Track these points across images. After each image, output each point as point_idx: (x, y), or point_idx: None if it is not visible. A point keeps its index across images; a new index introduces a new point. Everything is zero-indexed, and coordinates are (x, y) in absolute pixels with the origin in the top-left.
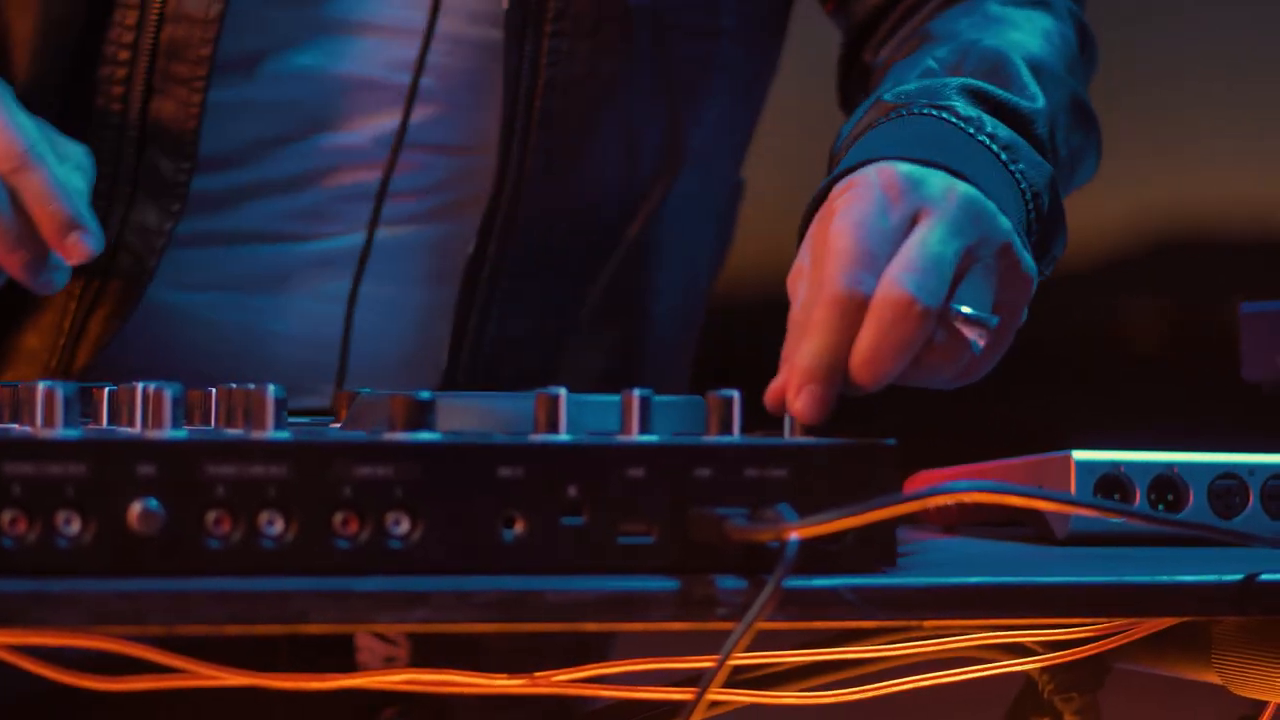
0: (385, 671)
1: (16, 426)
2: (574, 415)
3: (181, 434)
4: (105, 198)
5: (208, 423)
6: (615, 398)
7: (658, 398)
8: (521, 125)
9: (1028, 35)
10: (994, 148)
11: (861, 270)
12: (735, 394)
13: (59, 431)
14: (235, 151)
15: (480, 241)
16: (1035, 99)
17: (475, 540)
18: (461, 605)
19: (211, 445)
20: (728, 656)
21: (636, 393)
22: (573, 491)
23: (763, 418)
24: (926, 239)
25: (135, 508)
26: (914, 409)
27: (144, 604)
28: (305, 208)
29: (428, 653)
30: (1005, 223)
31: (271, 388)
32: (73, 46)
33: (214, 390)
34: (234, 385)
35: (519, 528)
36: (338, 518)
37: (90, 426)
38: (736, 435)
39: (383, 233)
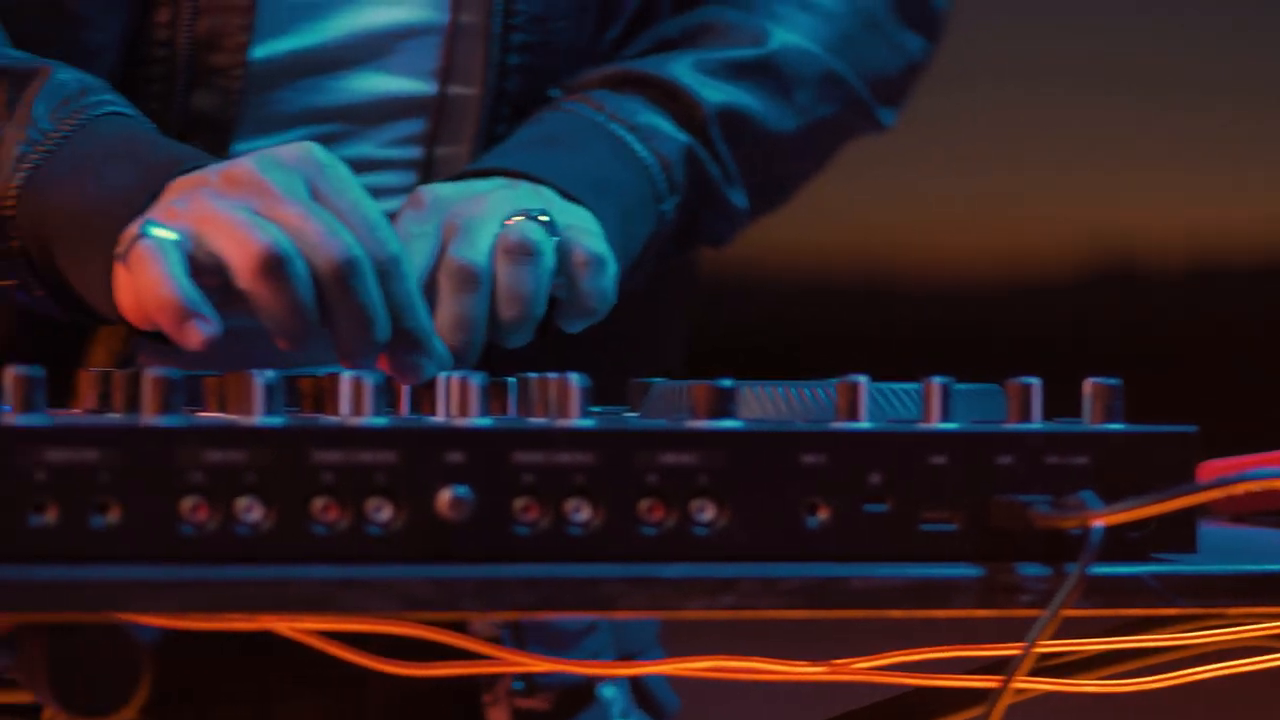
0: (690, 659)
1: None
2: (870, 403)
3: (489, 421)
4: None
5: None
6: (914, 385)
7: (956, 385)
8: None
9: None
10: (619, 132)
11: None
12: (1037, 381)
13: (368, 420)
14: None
15: None
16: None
17: (779, 527)
18: (767, 592)
19: (520, 433)
20: (1034, 644)
21: (937, 380)
22: (876, 479)
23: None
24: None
25: (445, 494)
26: (1195, 397)
27: (454, 590)
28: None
29: None
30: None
31: (575, 377)
32: (122, 48)
33: (513, 380)
34: (533, 375)
35: (822, 515)
36: (643, 505)
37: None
38: (1038, 422)
39: None
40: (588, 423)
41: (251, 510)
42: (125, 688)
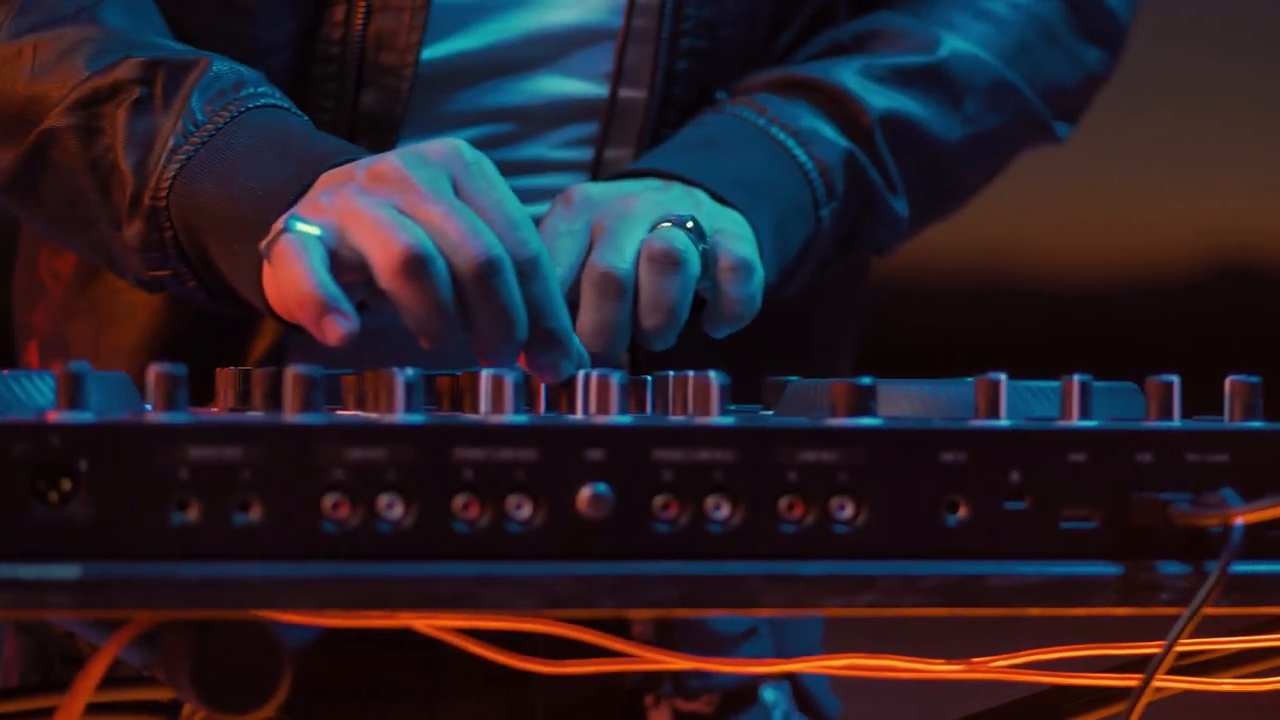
0: (827, 657)
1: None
2: (1009, 400)
3: (629, 419)
4: None
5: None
6: (1053, 383)
7: (1095, 383)
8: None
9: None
10: (780, 136)
11: None
12: (1176, 379)
13: (509, 417)
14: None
15: None
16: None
17: (918, 525)
18: (906, 590)
19: (660, 430)
20: (1175, 642)
21: (1077, 378)
22: (1015, 476)
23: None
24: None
25: (585, 492)
26: None
27: (594, 587)
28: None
29: None
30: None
31: (714, 374)
32: (297, 46)
33: (650, 378)
34: (672, 373)
35: (962, 512)
36: (783, 502)
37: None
38: (1177, 420)
39: None
40: (727, 420)
41: (393, 507)
42: (266, 685)
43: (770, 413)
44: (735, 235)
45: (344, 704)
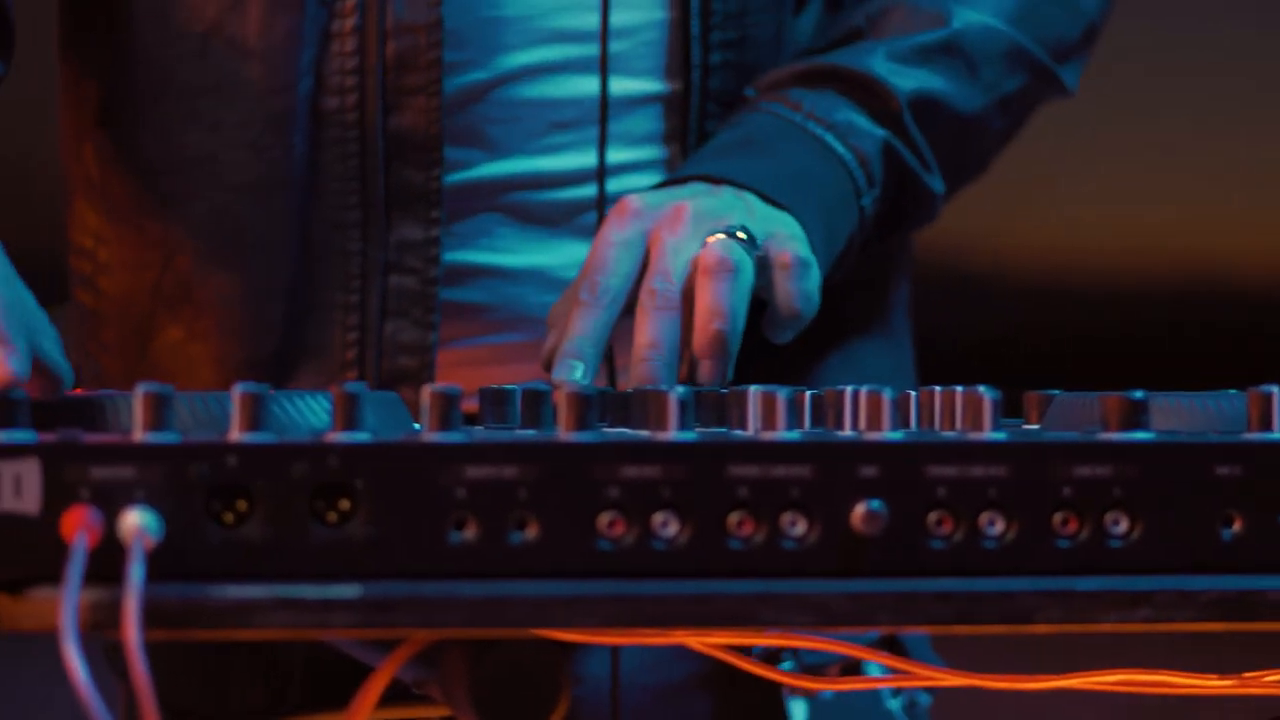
0: (1100, 673)
1: (734, 430)
2: None
3: (901, 435)
4: (360, 226)
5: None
6: None
7: None
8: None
9: None
10: (817, 130)
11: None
12: None
13: (782, 434)
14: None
15: None
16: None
17: (1193, 539)
18: (1184, 604)
19: (933, 446)
20: None
21: None
22: None
23: None
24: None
25: (859, 509)
26: None
27: (869, 604)
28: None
29: None
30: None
31: (985, 389)
32: (301, 86)
33: (914, 392)
34: (938, 388)
35: (1238, 526)
36: (1057, 518)
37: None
38: None
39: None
40: (1000, 435)
41: (668, 525)
42: (545, 704)
43: (1036, 427)
44: (789, 236)
45: None
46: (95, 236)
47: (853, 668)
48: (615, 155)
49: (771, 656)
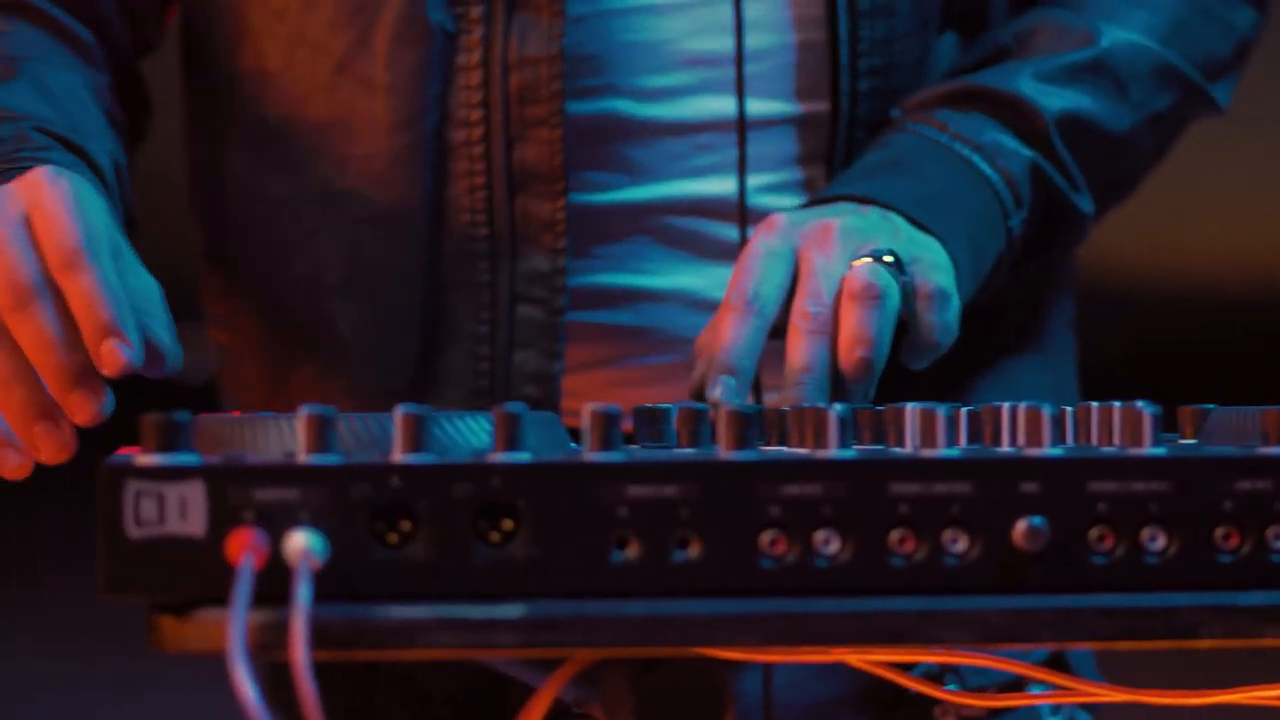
0: (1265, 687)
1: (889, 447)
2: None
3: (1060, 451)
4: (488, 257)
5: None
6: None
7: None
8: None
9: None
10: (964, 151)
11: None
12: None
13: (942, 451)
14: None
15: None
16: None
17: None
18: None
19: (1095, 461)
20: None
21: None
22: None
23: None
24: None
25: (1021, 525)
26: None
27: (1031, 620)
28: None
29: None
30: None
31: (1144, 404)
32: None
33: (1071, 408)
34: (1095, 404)
35: None
36: (1219, 532)
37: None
38: None
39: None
40: (1160, 450)
41: (829, 543)
42: None
43: (1193, 442)
44: (933, 264)
45: None
46: (227, 275)
47: (1012, 685)
48: (757, 178)
49: (933, 675)
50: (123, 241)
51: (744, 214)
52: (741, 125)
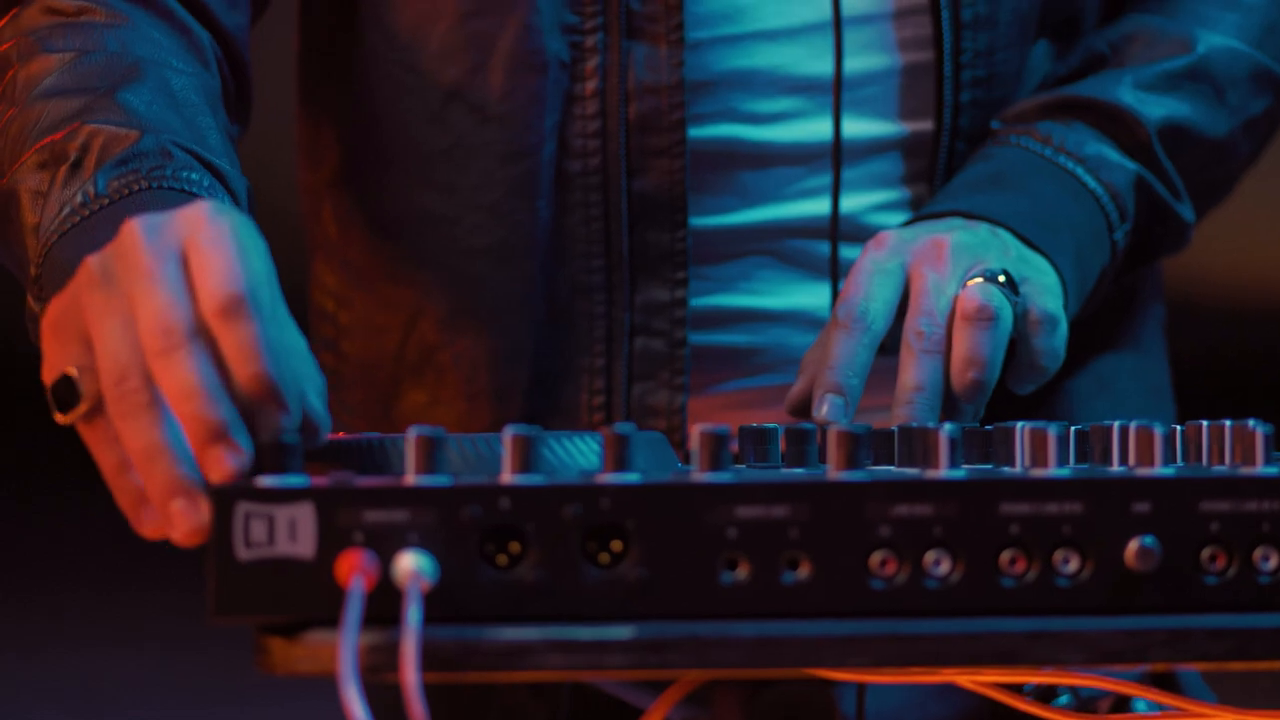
0: None
1: (1000, 467)
2: None
3: (1171, 470)
4: (605, 289)
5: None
6: None
7: None
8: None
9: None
10: (1068, 165)
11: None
12: None
13: (1053, 471)
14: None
15: None
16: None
17: None
18: None
19: (1206, 481)
20: None
21: None
22: None
23: None
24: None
25: (1133, 545)
26: None
27: (1144, 641)
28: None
29: None
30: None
31: (1256, 422)
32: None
33: (1181, 427)
34: (1206, 422)
35: None
36: None
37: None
38: None
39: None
40: (1273, 470)
41: (940, 564)
42: None
43: None
44: (1042, 287)
45: None
46: (335, 299)
47: (1120, 705)
48: (862, 198)
49: (1044, 695)
50: (279, 294)
51: (835, 234)
52: (837, 148)
